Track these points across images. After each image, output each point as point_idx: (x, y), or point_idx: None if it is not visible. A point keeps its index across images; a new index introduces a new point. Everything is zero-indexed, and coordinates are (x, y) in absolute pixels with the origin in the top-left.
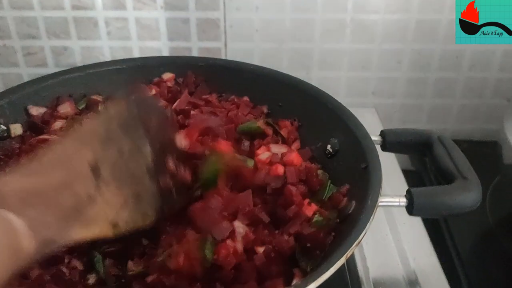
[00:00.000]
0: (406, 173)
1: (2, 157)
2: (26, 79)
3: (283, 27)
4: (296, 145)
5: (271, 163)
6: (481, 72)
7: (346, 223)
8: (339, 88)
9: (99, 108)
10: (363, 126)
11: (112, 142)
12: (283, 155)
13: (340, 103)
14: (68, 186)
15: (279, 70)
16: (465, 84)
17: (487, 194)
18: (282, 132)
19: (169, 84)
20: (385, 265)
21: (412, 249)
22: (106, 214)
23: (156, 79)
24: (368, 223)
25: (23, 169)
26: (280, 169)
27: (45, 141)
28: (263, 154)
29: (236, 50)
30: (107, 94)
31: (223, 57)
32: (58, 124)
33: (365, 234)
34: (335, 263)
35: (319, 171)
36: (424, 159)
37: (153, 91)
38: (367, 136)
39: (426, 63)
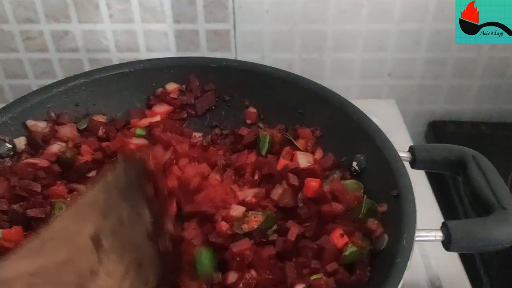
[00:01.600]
0: None
1: None
2: (26, 64)
3: (295, 8)
4: (318, 154)
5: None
6: (503, 51)
7: (380, 262)
8: (353, 70)
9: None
10: (391, 144)
11: (112, 210)
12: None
13: (366, 115)
14: (71, 263)
15: (290, 52)
16: (486, 64)
17: (507, 180)
18: (299, 144)
19: (173, 95)
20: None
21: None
22: (108, 286)
23: (159, 91)
24: (406, 269)
25: (25, 250)
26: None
27: (33, 165)
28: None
29: (246, 33)
30: (113, 104)
31: (231, 39)
32: (55, 147)
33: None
34: None
35: (350, 182)
36: (457, 178)
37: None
38: (396, 157)
39: (446, 43)
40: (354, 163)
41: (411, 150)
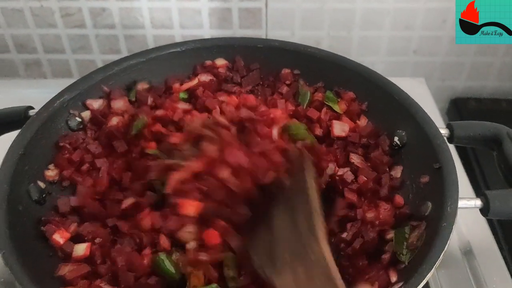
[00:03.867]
0: None
1: (69, 147)
2: (64, 40)
3: None
4: (363, 121)
5: None
6: None
7: (426, 228)
8: (380, 47)
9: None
10: (433, 122)
11: None
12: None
13: (407, 94)
14: None
15: (319, 29)
16: None
17: None
18: (340, 106)
19: (221, 70)
20: None
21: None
22: None
23: (208, 62)
24: (451, 234)
25: None
26: None
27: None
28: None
29: (277, 10)
30: (166, 76)
31: (263, 17)
32: (115, 119)
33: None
34: (426, 275)
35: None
36: (491, 153)
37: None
38: (437, 133)
39: None
40: (396, 138)
41: (449, 126)
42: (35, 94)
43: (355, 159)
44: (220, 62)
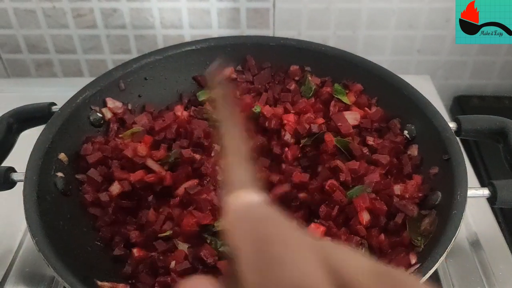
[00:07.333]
0: None
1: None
2: (76, 40)
3: None
4: (373, 109)
5: None
6: None
7: (437, 215)
8: (385, 47)
9: None
10: (441, 115)
11: None
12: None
13: (416, 90)
14: None
15: (325, 29)
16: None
17: None
18: (348, 97)
19: (232, 76)
20: None
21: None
22: None
23: None
24: (462, 221)
25: None
26: None
27: None
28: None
29: (284, 10)
30: (182, 79)
31: (270, 17)
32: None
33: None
34: (439, 258)
35: None
36: (496, 146)
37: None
38: (446, 127)
39: None
40: (406, 132)
41: (456, 120)
42: (46, 93)
43: (371, 141)
44: (226, 71)
